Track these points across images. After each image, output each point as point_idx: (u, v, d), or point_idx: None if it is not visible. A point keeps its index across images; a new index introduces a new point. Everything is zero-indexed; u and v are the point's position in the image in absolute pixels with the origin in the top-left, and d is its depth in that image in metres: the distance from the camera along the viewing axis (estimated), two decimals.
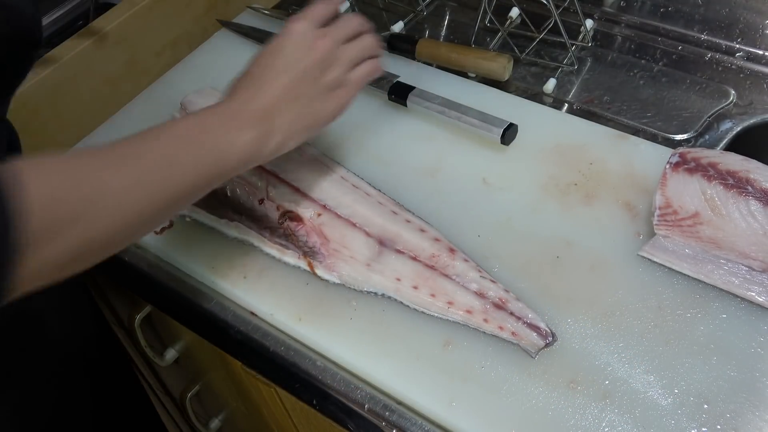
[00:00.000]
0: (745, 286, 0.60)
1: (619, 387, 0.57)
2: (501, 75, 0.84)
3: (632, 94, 0.83)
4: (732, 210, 0.60)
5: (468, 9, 0.99)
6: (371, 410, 0.61)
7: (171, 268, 0.73)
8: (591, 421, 0.55)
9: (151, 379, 1.15)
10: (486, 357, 0.60)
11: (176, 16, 0.95)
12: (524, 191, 0.72)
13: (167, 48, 0.95)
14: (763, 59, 0.84)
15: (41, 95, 0.84)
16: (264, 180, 0.72)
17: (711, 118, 0.79)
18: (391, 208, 0.69)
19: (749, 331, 0.58)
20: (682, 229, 0.62)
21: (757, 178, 0.60)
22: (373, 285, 0.65)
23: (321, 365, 0.64)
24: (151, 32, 0.93)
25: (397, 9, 1.01)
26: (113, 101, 0.91)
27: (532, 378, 0.58)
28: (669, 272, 0.63)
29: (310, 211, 0.69)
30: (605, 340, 0.59)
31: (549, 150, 0.75)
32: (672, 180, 0.63)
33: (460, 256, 0.65)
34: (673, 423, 0.54)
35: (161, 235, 0.74)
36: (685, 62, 0.86)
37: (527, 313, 0.60)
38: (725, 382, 0.56)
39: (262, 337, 0.67)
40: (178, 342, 0.95)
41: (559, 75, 0.87)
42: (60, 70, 0.85)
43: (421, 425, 0.59)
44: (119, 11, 0.90)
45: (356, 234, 0.67)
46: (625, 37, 0.90)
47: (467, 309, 0.61)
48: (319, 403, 0.65)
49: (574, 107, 0.83)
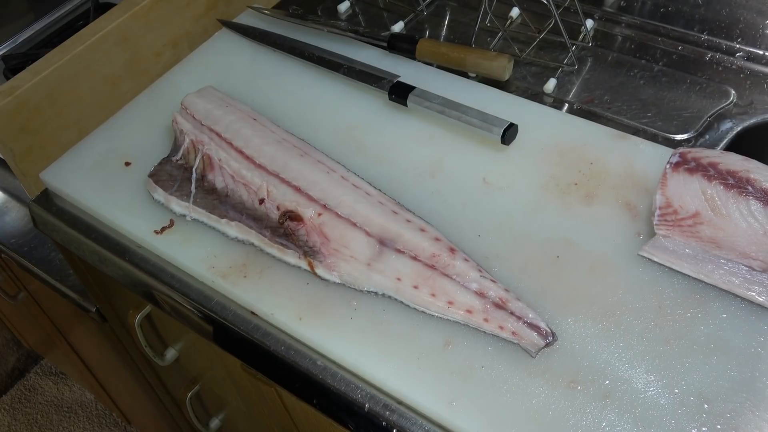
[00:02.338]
0: (746, 285, 0.60)
1: (620, 387, 0.57)
2: (501, 75, 0.84)
3: (632, 94, 0.83)
4: (732, 210, 0.60)
5: (468, 9, 0.99)
6: (371, 410, 0.61)
7: (171, 268, 0.73)
8: (591, 421, 0.55)
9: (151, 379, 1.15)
10: (486, 357, 0.60)
11: (176, 16, 0.95)
12: (524, 191, 0.72)
13: (167, 48, 0.95)
14: (763, 59, 0.84)
15: (41, 95, 0.84)
16: (264, 180, 0.72)
17: (711, 118, 0.79)
18: (392, 207, 0.69)
19: (749, 331, 0.58)
20: (682, 228, 0.62)
21: (758, 177, 0.60)
22: (373, 284, 0.65)
23: (321, 365, 0.64)
24: (151, 32, 0.93)
25: (398, 9, 1.01)
26: (113, 101, 0.91)
27: (533, 378, 0.58)
28: (669, 272, 0.63)
29: (310, 210, 0.69)
30: (605, 339, 0.59)
31: (549, 150, 0.75)
32: (672, 180, 0.63)
33: (461, 256, 0.65)
34: (674, 423, 0.54)
35: (161, 234, 0.74)
36: (686, 62, 0.86)
37: (527, 313, 0.60)
38: (725, 381, 0.56)
39: (262, 337, 0.67)
40: (178, 342, 0.95)
41: (560, 75, 0.87)
42: (60, 70, 0.85)
43: (422, 425, 0.59)
44: (119, 11, 0.90)
45: (356, 233, 0.67)
46: (625, 37, 0.90)
47: (467, 308, 0.61)
48: (319, 403, 0.65)
49: (574, 107, 0.83)
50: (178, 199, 0.75)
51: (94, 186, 0.81)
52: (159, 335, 0.96)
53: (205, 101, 0.81)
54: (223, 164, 0.75)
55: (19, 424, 1.79)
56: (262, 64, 0.92)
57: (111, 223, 0.78)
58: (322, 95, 0.86)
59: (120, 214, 0.77)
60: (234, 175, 0.74)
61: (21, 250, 1.12)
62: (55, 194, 0.84)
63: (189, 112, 0.81)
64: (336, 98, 0.85)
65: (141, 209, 0.77)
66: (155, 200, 0.76)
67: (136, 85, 0.92)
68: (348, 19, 1.02)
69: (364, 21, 1.01)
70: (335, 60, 0.88)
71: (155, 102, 0.90)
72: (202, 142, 0.77)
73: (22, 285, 1.32)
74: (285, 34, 0.95)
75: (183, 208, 0.74)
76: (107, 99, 0.90)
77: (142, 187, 0.79)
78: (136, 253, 0.75)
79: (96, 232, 0.79)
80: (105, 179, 0.81)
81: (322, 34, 0.94)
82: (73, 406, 1.81)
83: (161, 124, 0.86)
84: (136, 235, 0.75)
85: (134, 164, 0.82)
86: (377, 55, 0.90)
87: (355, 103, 0.84)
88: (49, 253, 1.10)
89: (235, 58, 0.94)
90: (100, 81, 0.89)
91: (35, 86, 0.83)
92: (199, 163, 0.77)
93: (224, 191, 0.75)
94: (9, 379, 1.88)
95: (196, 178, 0.76)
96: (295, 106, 0.85)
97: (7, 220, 1.18)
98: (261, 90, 0.88)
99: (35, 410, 1.81)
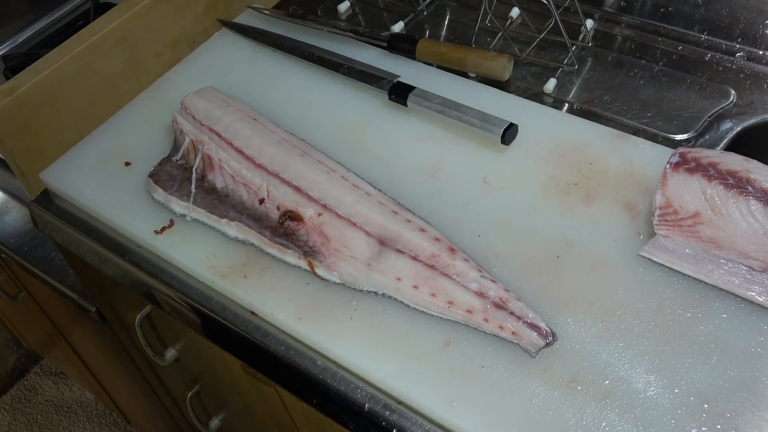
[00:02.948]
0: (746, 285, 0.60)
1: (620, 387, 0.57)
2: (501, 75, 0.84)
3: (632, 94, 0.83)
4: (732, 210, 0.60)
5: (468, 9, 0.99)
6: (371, 410, 0.61)
7: (171, 268, 0.73)
8: (591, 421, 0.55)
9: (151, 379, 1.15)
10: (486, 357, 0.60)
11: (176, 16, 0.95)
12: (524, 191, 0.72)
13: (167, 48, 0.95)
14: (763, 59, 0.84)
15: (41, 95, 0.84)
16: (264, 180, 0.72)
17: (711, 118, 0.79)
18: (392, 207, 0.69)
19: (749, 331, 0.58)
20: (682, 228, 0.62)
21: (757, 178, 0.60)
22: (373, 284, 0.65)
23: (321, 365, 0.64)
24: (151, 32, 0.93)
25: (398, 9, 1.01)
26: (113, 101, 0.91)
27: (533, 378, 0.58)
28: (669, 272, 0.63)
29: (310, 210, 0.69)
30: (605, 339, 0.59)
31: (549, 150, 0.75)
32: (672, 180, 0.63)
33: (461, 256, 0.65)
34: (674, 423, 0.54)
35: (161, 235, 0.74)
36: (686, 62, 0.86)
37: (527, 313, 0.60)
38: (725, 381, 0.56)
39: (262, 337, 0.67)
40: (178, 342, 0.95)
41: (560, 75, 0.87)
42: (60, 70, 0.85)
43: (422, 425, 0.59)
44: (119, 11, 0.90)
45: (357, 233, 0.67)
46: (625, 37, 0.90)
47: (467, 308, 0.61)
48: (319, 403, 0.65)
49: (574, 107, 0.83)
50: (178, 199, 0.75)
51: (94, 186, 0.81)
52: (159, 335, 0.96)
53: (205, 101, 0.81)
54: (223, 164, 0.75)
55: (19, 424, 1.79)
56: (262, 64, 0.92)
57: (111, 223, 0.78)
58: (322, 95, 0.86)
59: (120, 214, 0.77)
60: (234, 175, 0.74)
61: (21, 250, 1.12)
62: (55, 194, 0.84)
63: (189, 112, 0.81)
64: (336, 98, 0.85)
65: (141, 209, 0.77)
66: (155, 200, 0.76)
67: (136, 85, 0.92)
68: (348, 19, 1.02)
69: (364, 21, 1.01)
70: (335, 60, 0.88)
71: (155, 102, 0.90)
72: (202, 142, 0.77)
73: (22, 285, 1.32)
74: (285, 34, 0.95)
75: (183, 208, 0.74)
76: (107, 99, 0.90)
77: (142, 187, 0.79)
78: (136, 253, 0.75)
79: (96, 232, 0.79)
80: (105, 179, 0.81)
81: (322, 34, 0.94)
82: (73, 406, 1.81)
83: (161, 124, 0.86)
84: (136, 235, 0.75)
85: (134, 164, 0.82)
86: (377, 55, 0.90)
87: (355, 103, 0.84)
88: (49, 253, 1.10)
89: (235, 58, 0.94)
90: (100, 81, 0.89)
91: (35, 86, 0.83)
92: (199, 163, 0.77)
93: (224, 191, 0.75)
94: (9, 379, 1.88)
95: (196, 178, 0.76)
96: (295, 106, 0.85)
97: (7, 220, 1.18)
98: (261, 90, 0.88)
99: (35, 410, 1.81)
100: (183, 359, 0.97)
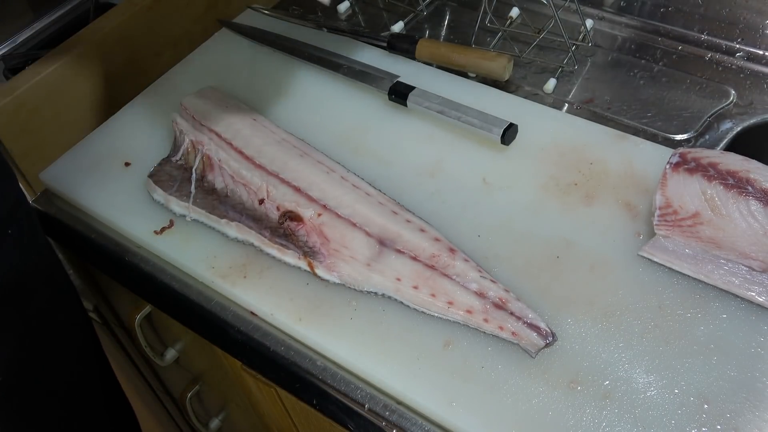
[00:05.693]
0: (746, 286, 0.60)
1: (619, 387, 0.57)
2: (501, 75, 0.84)
3: (632, 94, 0.83)
4: (732, 210, 0.60)
5: (468, 9, 0.99)
6: (371, 410, 0.61)
7: (171, 268, 0.73)
8: (591, 421, 0.55)
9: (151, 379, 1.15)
10: (486, 357, 0.60)
11: (176, 16, 0.95)
12: (524, 191, 0.72)
13: (167, 48, 0.95)
14: (763, 59, 0.84)
15: (41, 95, 0.84)
16: (264, 180, 0.72)
17: (711, 118, 0.79)
18: (392, 208, 0.69)
19: (749, 331, 0.58)
20: (682, 229, 0.62)
21: (757, 178, 0.60)
22: (373, 285, 0.65)
23: (321, 365, 0.64)
24: (151, 32, 0.93)
25: (397, 9, 1.01)
26: (113, 101, 0.91)
27: (532, 378, 0.58)
28: (669, 272, 0.63)
29: (310, 211, 0.69)
30: (605, 340, 0.59)
31: (549, 150, 0.75)
32: (672, 180, 0.63)
33: (461, 256, 0.65)
34: (673, 423, 0.54)
35: (161, 235, 0.74)
36: (685, 62, 0.86)
37: (527, 313, 0.60)
38: (725, 382, 0.56)
39: (262, 337, 0.67)
40: (178, 342, 0.95)
41: (559, 75, 0.87)
42: (60, 70, 0.85)
43: (421, 425, 0.59)
44: (119, 11, 0.90)
45: (356, 234, 0.67)
46: (625, 37, 0.90)
47: (467, 309, 0.61)
48: (319, 403, 0.65)
49: (574, 107, 0.83)
50: (177, 199, 0.75)
51: (93, 186, 0.81)
52: (159, 335, 0.96)
53: (205, 101, 0.81)
54: (222, 164, 0.75)
55: None
56: (262, 64, 0.92)
57: (111, 224, 0.78)
58: (322, 95, 0.86)
59: (120, 214, 0.77)
60: (234, 176, 0.74)
61: None
62: (55, 194, 0.84)
63: (189, 112, 0.81)
64: (336, 98, 0.85)
65: (141, 209, 0.77)
66: (155, 200, 0.76)
67: (136, 85, 0.92)
68: (348, 19, 1.02)
69: (364, 21, 1.01)
70: (335, 60, 0.88)
71: (155, 102, 0.90)
72: (202, 142, 0.77)
73: None
74: (285, 34, 0.95)
75: (183, 208, 0.74)
76: (107, 99, 0.90)
77: (142, 187, 0.79)
78: (136, 253, 0.75)
79: (96, 232, 0.79)
80: (105, 179, 0.81)
81: (322, 34, 0.94)
82: None
83: (161, 124, 0.86)
84: (136, 235, 0.75)
85: (134, 164, 0.82)
86: (377, 55, 0.90)
87: (355, 103, 0.84)
88: None
89: (235, 58, 0.94)
90: (100, 81, 0.89)
91: (35, 86, 0.83)
92: (198, 163, 0.77)
93: (224, 191, 0.75)
94: None
95: (196, 178, 0.76)
96: (295, 106, 0.85)
97: None
98: (261, 90, 0.88)
99: None
100: (183, 359, 0.98)
